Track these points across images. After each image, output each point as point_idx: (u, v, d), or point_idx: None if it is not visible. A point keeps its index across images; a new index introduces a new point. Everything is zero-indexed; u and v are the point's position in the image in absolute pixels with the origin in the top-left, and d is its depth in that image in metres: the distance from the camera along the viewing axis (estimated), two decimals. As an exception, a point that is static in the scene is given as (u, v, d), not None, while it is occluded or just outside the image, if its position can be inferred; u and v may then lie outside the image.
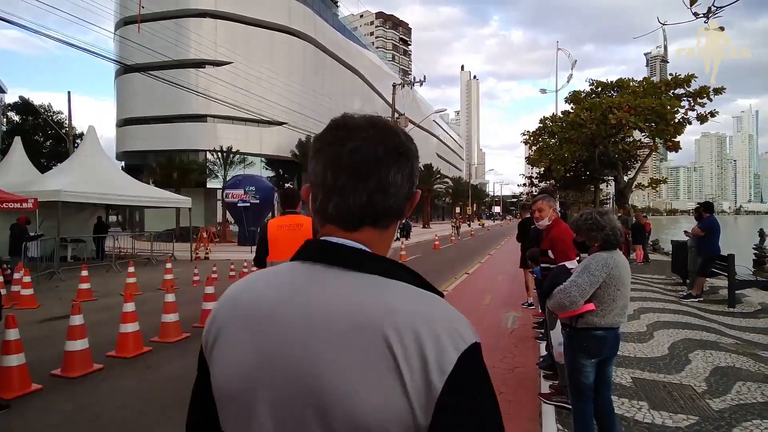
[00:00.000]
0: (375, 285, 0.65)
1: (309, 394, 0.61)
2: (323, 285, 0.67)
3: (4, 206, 11.38)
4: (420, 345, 0.60)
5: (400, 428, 0.59)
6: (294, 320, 0.65)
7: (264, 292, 0.70)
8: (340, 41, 43.25)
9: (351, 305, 0.63)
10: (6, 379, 4.10)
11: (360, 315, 0.62)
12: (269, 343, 0.65)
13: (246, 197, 21.34)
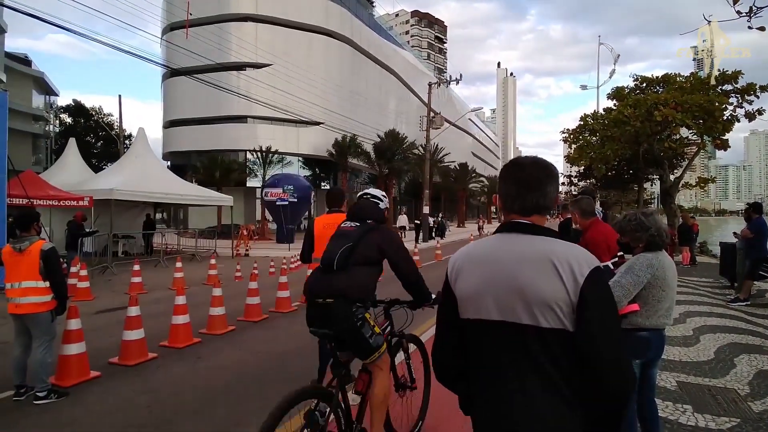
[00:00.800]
0: (542, 240, 1.30)
1: (515, 289, 1.25)
2: (517, 241, 1.32)
3: (61, 204, 12.19)
4: (569, 264, 1.21)
5: (563, 303, 1.19)
6: (504, 257, 1.30)
7: (483, 248, 1.38)
8: (376, 41, 43.45)
9: (533, 248, 1.28)
10: (65, 367, 4.39)
11: (538, 252, 1.26)
12: (490, 271, 1.31)
13: (284, 196, 21.86)
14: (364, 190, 3.52)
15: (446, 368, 1.43)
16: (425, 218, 26.02)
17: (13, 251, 3.90)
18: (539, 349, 1.20)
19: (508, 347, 1.25)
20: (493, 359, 1.28)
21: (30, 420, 3.65)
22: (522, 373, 1.22)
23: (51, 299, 4.00)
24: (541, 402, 1.20)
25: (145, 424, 3.60)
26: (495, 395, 1.27)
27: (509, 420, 1.23)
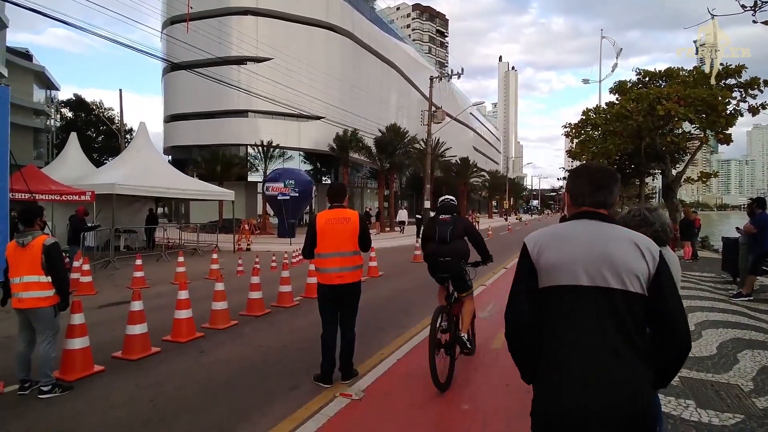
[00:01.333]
0: (616, 226, 1.65)
1: (605, 260, 1.54)
2: (597, 225, 1.63)
3: (63, 198, 12.19)
4: (647, 247, 1.55)
5: (644, 274, 1.52)
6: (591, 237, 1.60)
7: (566, 229, 1.67)
8: (377, 35, 43.22)
9: (615, 231, 1.62)
10: (69, 361, 4.40)
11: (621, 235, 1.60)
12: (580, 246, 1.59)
13: (286, 190, 21.85)
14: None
15: (525, 329, 1.64)
16: (426, 213, 26.02)
17: (17, 246, 3.90)
18: (624, 308, 1.51)
19: (594, 307, 1.53)
20: (580, 319, 1.54)
21: (35, 414, 3.66)
22: (605, 328, 1.51)
23: (53, 294, 4.00)
24: (623, 352, 1.49)
25: (150, 418, 3.61)
26: (581, 350, 1.52)
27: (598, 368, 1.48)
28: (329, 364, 4.20)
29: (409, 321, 6.68)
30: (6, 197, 9.52)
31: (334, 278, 4.13)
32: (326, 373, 4.20)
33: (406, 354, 5.12)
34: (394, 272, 11.93)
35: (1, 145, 9.36)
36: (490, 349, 5.29)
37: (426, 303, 7.95)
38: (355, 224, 4.18)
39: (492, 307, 7.42)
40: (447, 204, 4.66)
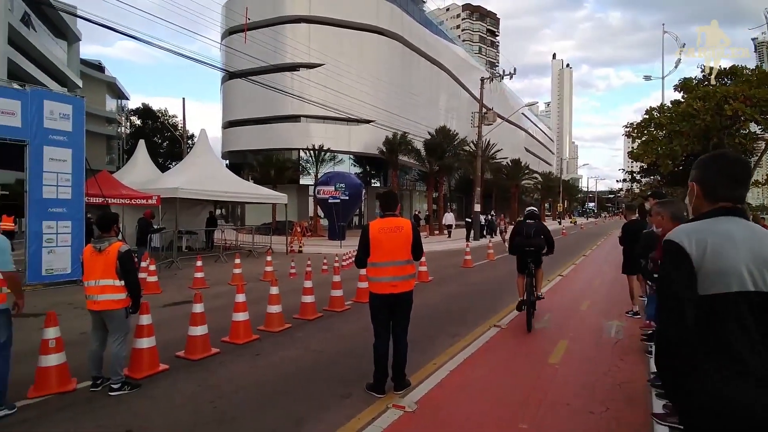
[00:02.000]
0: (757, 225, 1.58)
1: (765, 262, 1.44)
2: (743, 222, 1.53)
3: (132, 202, 13.02)
4: None
5: None
6: (744, 236, 1.48)
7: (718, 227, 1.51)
8: (427, 37, 43.06)
9: (762, 230, 1.53)
10: (137, 360, 4.65)
11: None
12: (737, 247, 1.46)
13: (336, 194, 22.19)
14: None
15: (689, 344, 1.44)
16: (477, 216, 25.54)
17: (94, 251, 4.17)
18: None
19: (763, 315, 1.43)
20: (751, 328, 1.42)
21: (105, 411, 3.88)
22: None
23: (126, 297, 4.24)
24: None
25: (210, 420, 3.72)
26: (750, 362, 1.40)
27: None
28: (382, 373, 4.17)
29: (461, 329, 6.54)
30: (82, 201, 10.30)
31: (387, 288, 4.11)
32: (379, 382, 4.17)
33: (460, 365, 4.99)
34: (444, 277, 11.77)
35: (78, 152, 10.15)
36: (548, 365, 5.05)
37: (478, 310, 7.78)
38: (408, 233, 4.16)
39: (548, 318, 7.13)
40: (532, 213, 7.20)
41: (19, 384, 4.05)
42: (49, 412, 3.83)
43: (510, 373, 4.79)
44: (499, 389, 4.33)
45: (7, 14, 30.30)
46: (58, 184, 9.64)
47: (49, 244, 9.49)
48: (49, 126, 9.45)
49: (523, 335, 6.24)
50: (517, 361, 5.18)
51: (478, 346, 5.70)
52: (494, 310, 7.86)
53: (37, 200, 9.37)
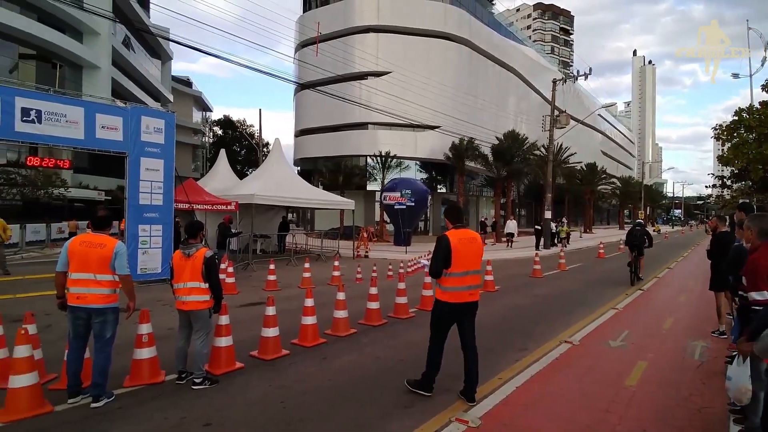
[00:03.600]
0: None
1: None
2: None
3: (214, 208, 14.03)
4: None
5: None
6: None
7: None
8: (495, 40, 42.23)
9: None
10: (216, 357, 5.03)
11: None
12: None
13: (402, 200, 22.37)
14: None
15: None
16: (547, 223, 24.51)
17: (183, 256, 4.59)
18: None
19: None
20: None
21: (188, 403, 4.24)
22: None
23: (209, 298, 4.63)
24: None
25: (279, 420, 3.93)
26: None
27: None
28: (432, 373, 4.38)
29: (529, 343, 6.34)
30: (172, 207, 11.28)
31: (466, 296, 4.27)
32: (428, 380, 4.37)
33: (527, 381, 4.85)
34: (511, 287, 11.45)
35: (169, 162, 11.13)
36: (623, 387, 4.75)
37: (547, 324, 7.49)
38: (481, 244, 4.43)
39: (625, 336, 6.70)
40: (639, 222, 12.90)
41: (116, 373, 4.53)
42: (141, 402, 4.25)
43: (581, 393, 4.58)
44: (569, 410, 4.16)
45: (111, 38, 33.93)
46: (152, 192, 10.65)
47: (144, 246, 10.51)
48: (145, 139, 10.49)
49: (597, 353, 5.92)
50: (589, 381, 4.92)
51: (548, 362, 5.49)
52: (565, 324, 7.52)
53: (135, 206, 10.42)
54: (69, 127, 9.40)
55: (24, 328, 3.93)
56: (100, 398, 4.11)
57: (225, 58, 32.29)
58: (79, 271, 4.09)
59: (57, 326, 6.57)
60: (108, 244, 4.17)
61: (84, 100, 10.10)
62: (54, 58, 30.07)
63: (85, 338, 4.23)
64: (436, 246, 4.22)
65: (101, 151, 10.15)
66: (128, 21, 35.80)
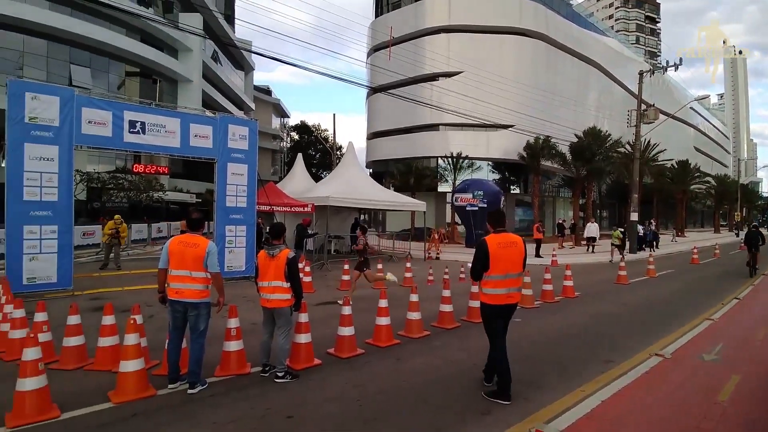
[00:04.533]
0: None
1: None
2: None
3: (292, 210, 14.71)
4: None
5: None
6: None
7: None
8: (574, 32, 40.09)
9: None
10: (296, 353, 5.25)
11: None
12: None
13: (474, 201, 21.98)
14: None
15: None
16: (632, 226, 22.77)
17: (267, 256, 4.88)
18: None
19: None
20: None
21: (272, 394, 4.49)
22: None
23: (291, 297, 4.86)
24: None
25: (356, 417, 4.03)
26: None
27: None
28: (507, 378, 4.35)
29: (615, 355, 5.94)
30: (254, 208, 11.99)
31: (504, 299, 4.40)
32: (505, 388, 4.33)
33: (613, 395, 4.54)
34: (593, 294, 10.80)
35: (252, 167, 11.85)
36: (716, 402, 4.31)
37: (635, 335, 6.98)
38: (522, 248, 4.48)
39: (720, 349, 6.05)
40: (755, 225, 14.90)
41: (208, 363, 4.89)
42: (230, 391, 4.56)
43: (671, 409, 4.21)
44: (657, 427, 3.85)
45: (202, 54, 36.87)
46: (237, 195, 11.41)
47: (230, 245, 11.28)
48: (231, 146, 11.27)
49: (690, 368, 5.42)
50: (679, 397, 4.52)
51: (635, 376, 5.11)
52: (655, 335, 6.96)
53: (222, 208, 11.23)
54: (167, 137, 10.36)
55: (133, 318, 4.39)
56: (196, 385, 4.48)
57: (302, 66, 33.97)
58: (177, 268, 4.49)
59: (158, 317, 7.26)
60: (201, 243, 4.53)
61: (180, 112, 11.08)
62: (154, 74, 33.32)
63: (183, 329, 4.63)
64: (476, 250, 4.42)
65: (194, 157, 11.09)
66: (216, 37, 38.69)
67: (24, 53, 26.13)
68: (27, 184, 8.78)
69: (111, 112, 9.69)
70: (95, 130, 9.51)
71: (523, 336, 6.73)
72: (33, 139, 8.82)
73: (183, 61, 34.75)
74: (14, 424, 3.70)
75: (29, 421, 3.75)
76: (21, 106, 8.72)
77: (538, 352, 6.00)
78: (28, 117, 8.77)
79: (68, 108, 9.15)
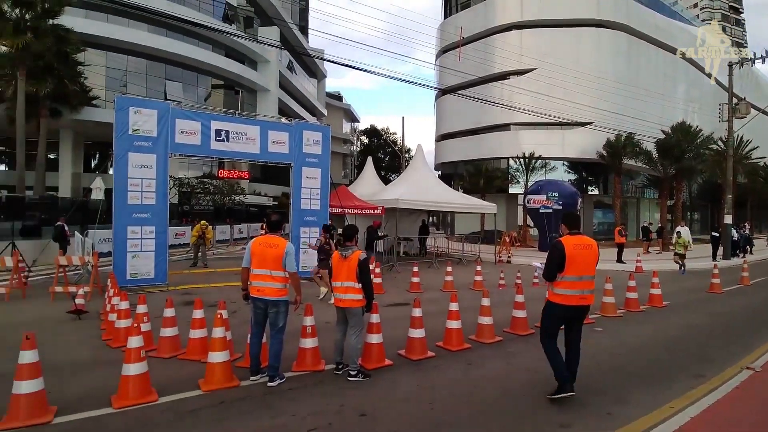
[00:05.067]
0: None
1: None
2: None
3: (363, 212, 15.02)
4: None
5: None
6: None
7: None
8: (657, 22, 37.03)
9: None
10: (368, 352, 5.36)
11: None
12: None
13: (548, 203, 21.08)
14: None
15: None
16: (726, 229, 20.53)
17: (340, 257, 5.04)
18: None
19: None
20: None
21: (345, 392, 4.62)
22: None
23: (362, 297, 4.98)
24: None
25: (428, 420, 4.03)
26: None
27: None
28: (566, 376, 4.39)
29: (706, 369, 5.43)
30: (327, 210, 12.42)
31: (577, 299, 4.42)
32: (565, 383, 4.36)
33: (703, 411, 4.16)
34: (683, 303, 9.91)
35: (325, 170, 12.28)
36: None
37: (728, 347, 6.35)
38: (597, 251, 4.50)
39: None
40: None
41: (284, 359, 5.13)
42: (306, 386, 4.76)
43: (765, 427, 3.78)
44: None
45: (278, 64, 38.90)
46: (311, 197, 11.90)
47: (304, 246, 11.77)
48: (306, 151, 11.79)
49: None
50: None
51: (726, 391, 4.66)
52: (747, 347, 6.30)
53: (297, 210, 11.77)
54: (248, 144, 11.07)
55: (220, 313, 4.74)
56: (275, 378, 4.74)
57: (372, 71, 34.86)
58: (259, 267, 4.77)
59: (240, 312, 7.75)
60: (280, 244, 4.78)
61: (259, 120, 11.79)
62: (236, 85, 35.74)
63: (263, 325, 4.92)
64: (551, 251, 4.47)
65: (272, 162, 11.73)
66: (291, 47, 40.65)
67: (127, 72, 29.22)
68: (130, 189, 9.81)
69: (200, 123, 10.55)
70: (186, 139, 10.41)
71: (606, 347, 6.37)
72: (135, 149, 9.84)
73: (262, 72, 36.87)
74: (119, 405, 4.15)
75: (132, 402, 4.18)
76: (126, 120, 9.76)
77: (623, 364, 5.63)
78: (131, 129, 9.80)
79: (164, 120, 10.09)
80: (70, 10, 21.32)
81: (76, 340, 6.40)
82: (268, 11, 38.39)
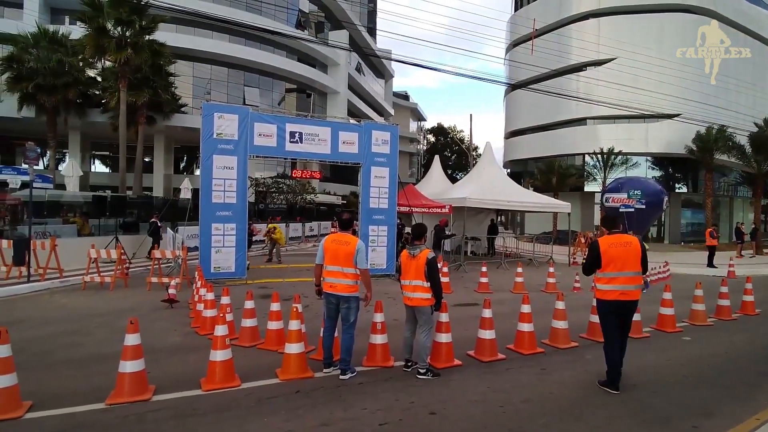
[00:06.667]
0: None
1: None
2: None
3: (430, 211, 14.99)
4: None
5: None
6: None
7: None
8: (748, 8, 33.17)
9: None
10: (437, 352, 5.36)
11: None
12: None
13: (630, 202, 19.69)
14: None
15: None
16: None
17: (409, 256, 5.10)
18: None
19: None
20: None
21: (415, 389, 4.65)
22: None
23: (431, 296, 5.00)
24: None
25: (500, 423, 3.95)
26: None
27: None
28: (616, 372, 4.70)
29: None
30: (395, 209, 12.55)
31: (617, 295, 4.69)
32: (614, 380, 4.68)
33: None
34: None
35: (393, 170, 12.41)
36: None
37: None
38: (637, 248, 4.74)
39: None
40: None
41: (355, 353, 5.27)
42: (376, 381, 4.87)
43: None
44: None
45: (348, 67, 39.88)
46: (380, 197, 12.09)
47: (372, 244, 11.99)
48: (374, 150, 12.00)
49: None
50: None
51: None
52: None
53: (366, 209, 12.01)
54: (320, 144, 11.49)
55: (295, 307, 4.99)
56: (347, 372, 4.90)
57: (439, 69, 34.42)
58: (331, 263, 4.95)
59: (312, 307, 8.08)
60: (351, 242, 4.93)
61: (330, 121, 12.18)
62: (308, 89, 37.17)
63: (335, 320, 5.09)
64: (589, 250, 4.94)
65: (342, 162, 12.08)
66: (360, 49, 41.46)
67: (211, 80, 31.47)
68: (214, 189, 10.56)
69: (276, 125, 11.12)
70: (264, 141, 11.02)
71: (693, 357, 5.90)
72: (219, 152, 10.58)
73: (332, 75, 38.02)
74: (207, 388, 4.51)
75: (218, 386, 4.53)
76: (211, 125, 10.53)
77: (711, 375, 5.19)
78: (216, 133, 10.55)
79: (244, 124, 10.76)
80: (163, 25, 23.35)
81: (168, 327, 7.02)
82: (337, 15, 39.50)
